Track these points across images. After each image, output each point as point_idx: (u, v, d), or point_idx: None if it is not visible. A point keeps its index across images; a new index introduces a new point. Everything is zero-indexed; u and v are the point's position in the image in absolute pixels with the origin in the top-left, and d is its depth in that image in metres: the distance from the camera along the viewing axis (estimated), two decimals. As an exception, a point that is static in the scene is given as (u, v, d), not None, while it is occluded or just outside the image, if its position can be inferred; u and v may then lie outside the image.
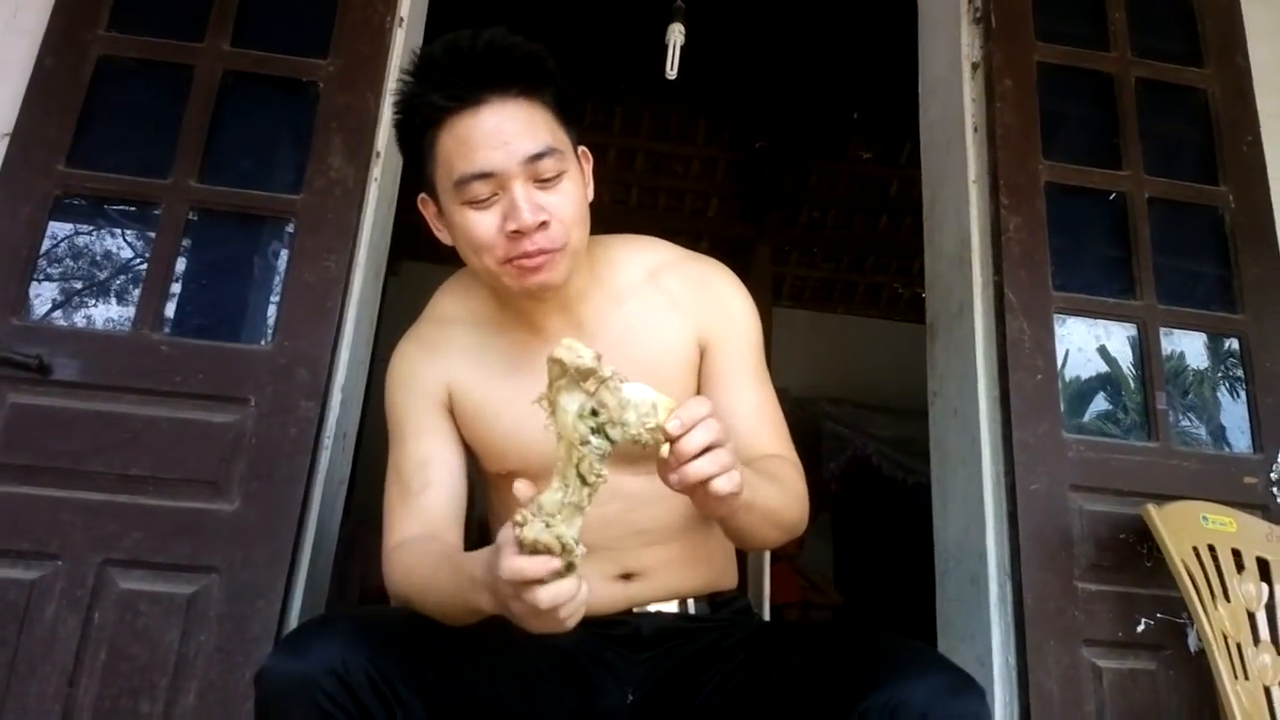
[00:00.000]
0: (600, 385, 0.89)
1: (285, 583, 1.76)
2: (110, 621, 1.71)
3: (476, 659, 1.13)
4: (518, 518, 0.88)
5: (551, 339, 1.25)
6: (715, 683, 1.17)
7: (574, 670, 1.22)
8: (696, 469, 0.92)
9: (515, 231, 1.13)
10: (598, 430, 0.89)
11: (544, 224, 1.14)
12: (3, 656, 1.67)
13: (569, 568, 0.88)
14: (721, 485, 0.93)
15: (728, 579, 1.38)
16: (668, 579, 1.29)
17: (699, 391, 1.29)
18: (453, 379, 1.29)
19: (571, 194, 1.17)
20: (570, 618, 0.91)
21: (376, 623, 1.07)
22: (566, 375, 0.90)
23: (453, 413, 1.30)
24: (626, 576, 1.28)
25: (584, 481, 0.89)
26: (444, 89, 1.14)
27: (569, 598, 0.89)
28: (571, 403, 0.89)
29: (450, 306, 1.37)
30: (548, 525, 0.87)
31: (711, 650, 1.23)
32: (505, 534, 0.90)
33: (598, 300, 1.29)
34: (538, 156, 1.14)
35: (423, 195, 1.24)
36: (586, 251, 1.25)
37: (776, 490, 1.14)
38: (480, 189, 1.14)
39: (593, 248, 1.29)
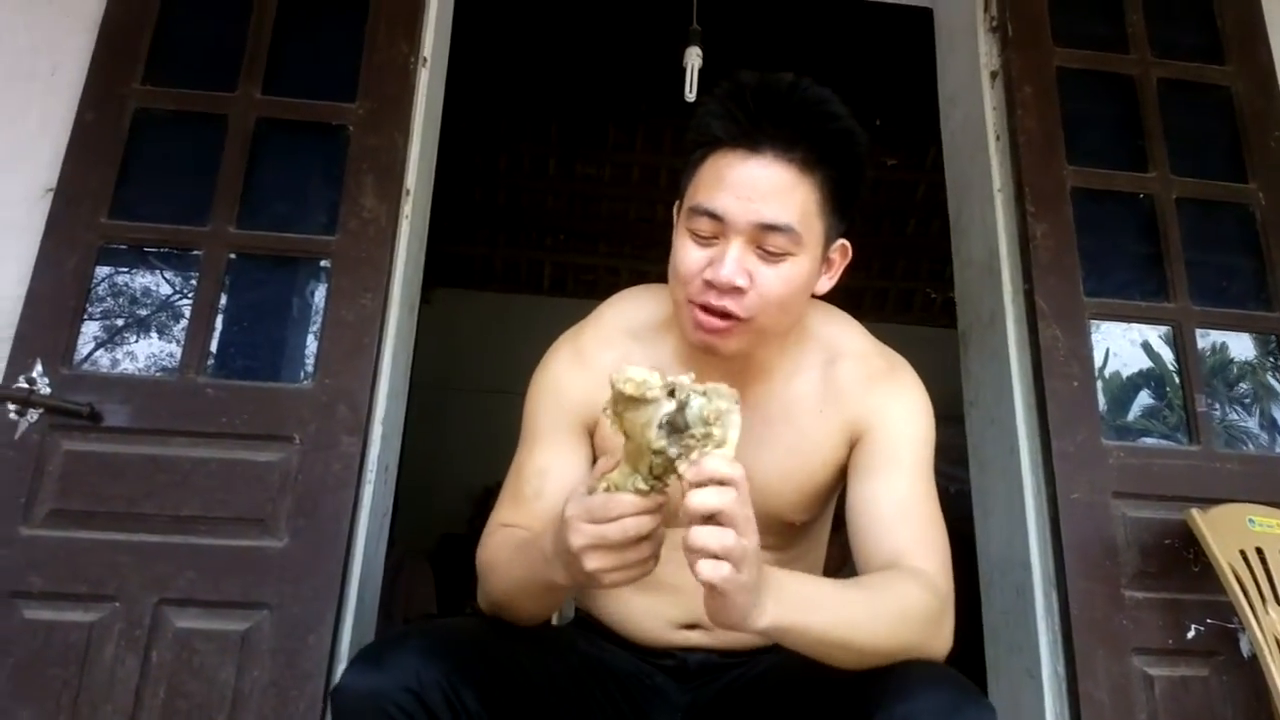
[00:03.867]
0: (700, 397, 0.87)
1: (334, 616, 1.79)
2: (168, 660, 1.75)
3: (539, 679, 1.14)
4: (587, 487, 0.92)
5: None
6: (748, 710, 1.18)
7: (627, 693, 1.24)
8: (695, 536, 0.85)
9: (709, 282, 1.11)
10: (672, 434, 0.87)
11: (739, 289, 1.10)
12: (65, 697, 1.70)
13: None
14: (705, 570, 0.84)
15: None
16: (735, 636, 1.27)
17: (846, 485, 1.24)
18: (600, 403, 1.25)
19: (788, 277, 1.12)
20: (653, 556, 0.91)
21: (448, 638, 1.08)
22: (634, 401, 0.88)
23: (593, 435, 1.26)
24: (691, 627, 1.27)
25: (655, 476, 0.89)
26: (729, 119, 1.11)
27: (651, 526, 0.89)
28: (640, 417, 0.88)
29: (622, 319, 1.31)
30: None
31: (745, 677, 1.24)
32: (571, 505, 0.93)
33: (772, 378, 1.25)
34: (770, 228, 1.09)
35: (677, 201, 1.21)
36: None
37: (855, 609, 1.00)
38: (705, 226, 1.11)
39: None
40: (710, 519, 0.85)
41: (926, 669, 0.99)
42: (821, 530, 1.36)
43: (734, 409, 0.87)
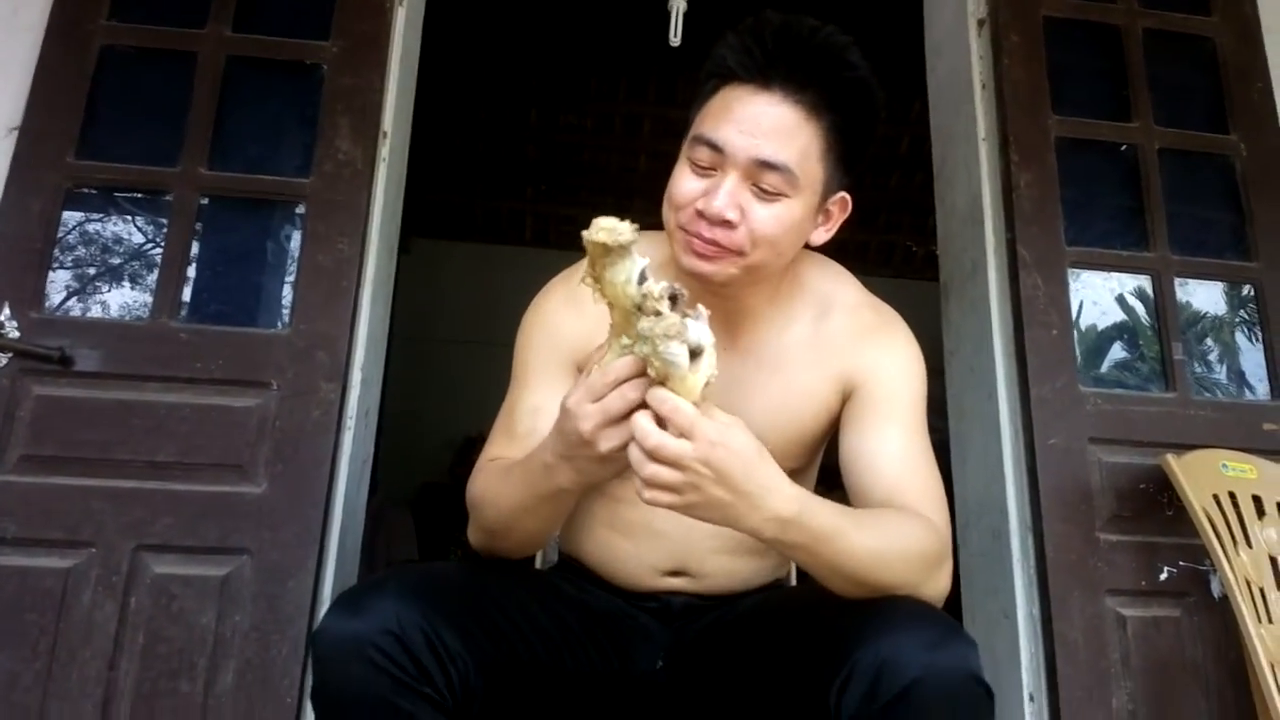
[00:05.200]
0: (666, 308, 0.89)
1: (316, 561, 1.79)
2: (146, 605, 1.74)
3: (519, 620, 1.14)
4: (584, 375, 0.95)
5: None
6: (730, 649, 1.19)
7: (610, 634, 1.24)
8: (634, 462, 0.91)
9: (700, 212, 1.10)
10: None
11: (729, 222, 1.09)
12: (43, 643, 1.70)
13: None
14: (641, 493, 0.91)
15: (778, 575, 1.38)
16: (719, 582, 1.28)
17: (838, 437, 1.23)
18: (593, 345, 1.23)
19: (779, 218, 1.11)
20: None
21: (427, 581, 1.08)
22: (611, 253, 0.89)
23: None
24: (675, 573, 1.27)
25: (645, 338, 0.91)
26: (744, 54, 1.10)
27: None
28: (619, 275, 0.89)
29: None
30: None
31: (727, 617, 1.25)
32: (570, 397, 0.96)
33: (764, 326, 1.24)
34: (767, 165, 1.09)
35: (687, 134, 1.20)
36: (777, 276, 1.21)
37: (863, 546, 1.01)
38: (704, 156, 1.11)
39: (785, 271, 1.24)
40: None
41: (910, 605, 1.00)
42: (809, 478, 1.37)
43: (672, 341, 0.87)
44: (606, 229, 0.88)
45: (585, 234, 0.88)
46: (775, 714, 1.10)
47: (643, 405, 0.92)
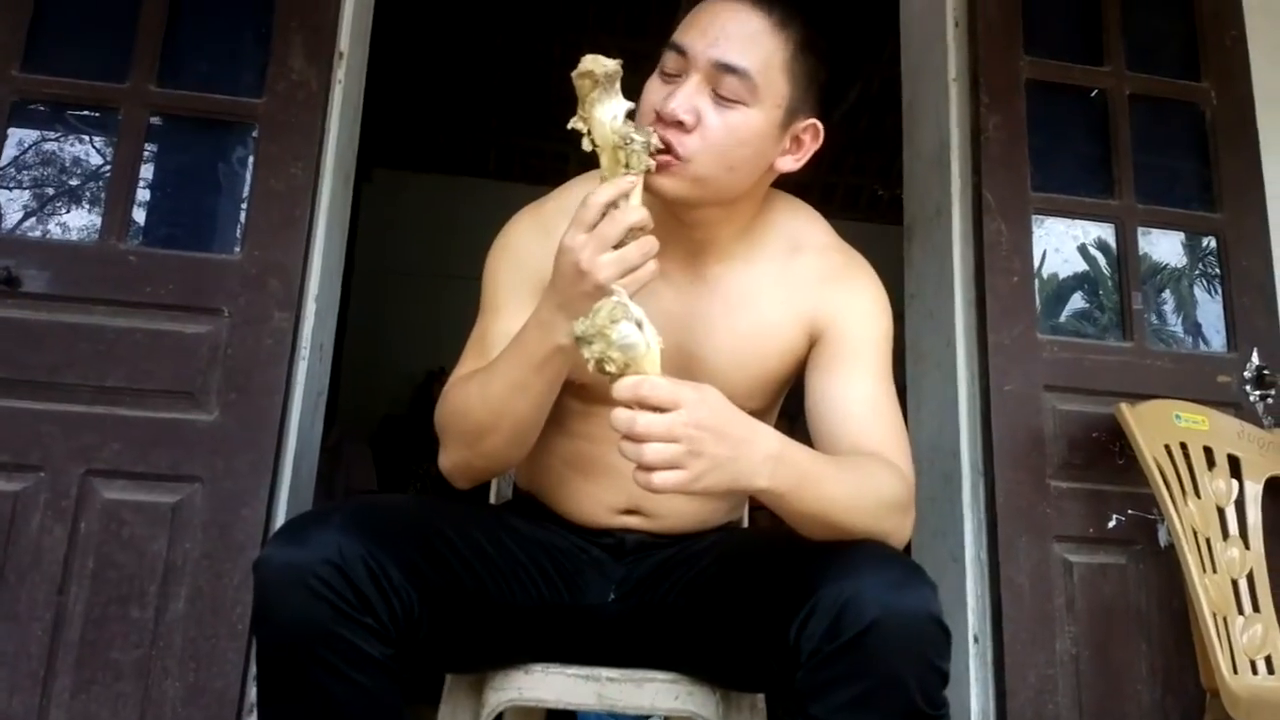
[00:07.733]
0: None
1: (269, 491, 1.77)
2: (96, 531, 1.72)
3: (466, 551, 1.13)
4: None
5: (671, 278, 1.19)
6: (684, 583, 1.19)
7: (561, 567, 1.24)
8: (632, 453, 0.88)
9: (658, 115, 1.08)
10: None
11: (681, 124, 1.07)
12: (-10, 566, 1.68)
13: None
14: (657, 483, 0.88)
15: (732, 517, 1.38)
16: (674, 523, 1.29)
17: (805, 381, 1.22)
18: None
19: (734, 127, 1.09)
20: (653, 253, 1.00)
21: (372, 514, 1.06)
22: (598, 85, 0.96)
23: None
24: (630, 512, 1.27)
25: (629, 168, 0.99)
26: None
27: (639, 212, 0.99)
28: (606, 113, 0.97)
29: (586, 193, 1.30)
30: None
31: (682, 554, 1.26)
32: (565, 236, 1.01)
33: (732, 261, 1.23)
34: (727, 68, 1.07)
35: None
36: (745, 207, 1.21)
37: (839, 490, 1.01)
38: (671, 62, 1.11)
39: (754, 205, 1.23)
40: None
41: (874, 548, 1.00)
42: (769, 423, 1.36)
43: (620, 323, 0.88)
44: (593, 58, 0.96)
45: (574, 72, 0.96)
46: (729, 647, 1.11)
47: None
